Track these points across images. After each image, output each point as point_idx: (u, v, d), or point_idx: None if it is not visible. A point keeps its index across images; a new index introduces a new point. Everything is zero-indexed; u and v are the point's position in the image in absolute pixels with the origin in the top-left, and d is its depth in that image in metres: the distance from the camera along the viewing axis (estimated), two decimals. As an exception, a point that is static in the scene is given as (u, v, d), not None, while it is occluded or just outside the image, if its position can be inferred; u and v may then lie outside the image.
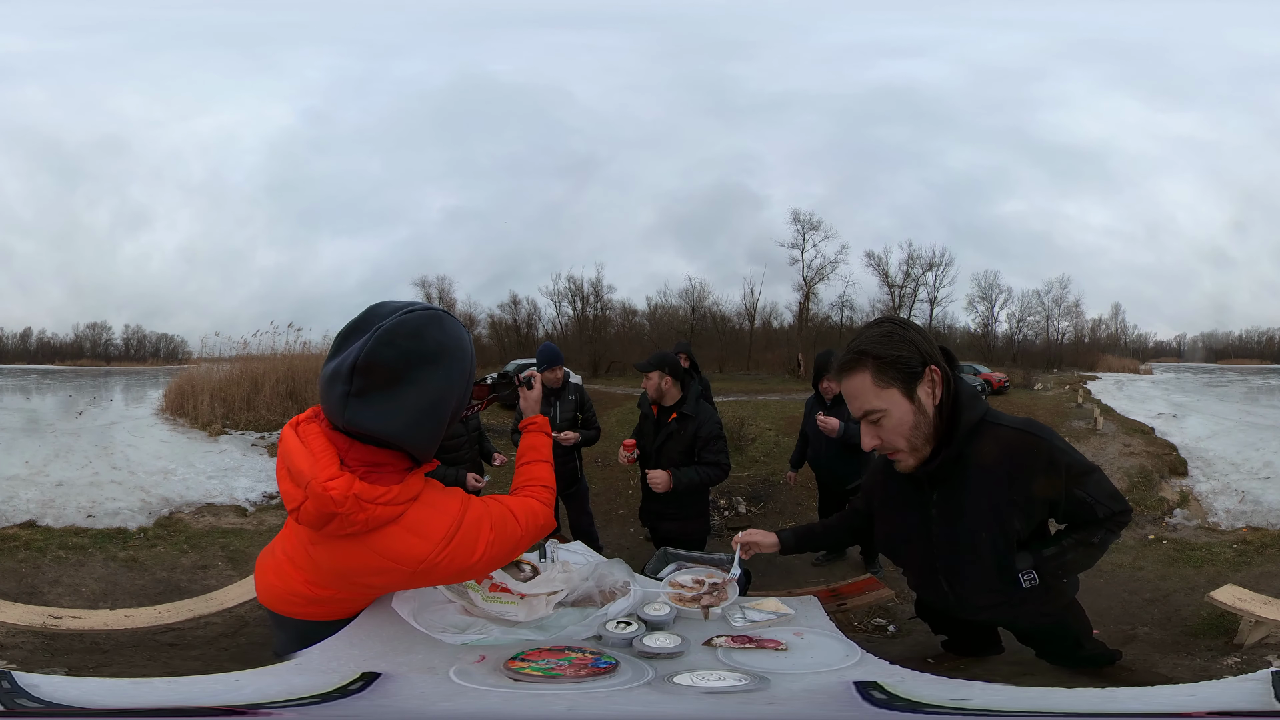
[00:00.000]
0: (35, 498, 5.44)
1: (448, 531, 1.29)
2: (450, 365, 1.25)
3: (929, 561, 1.64)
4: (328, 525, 1.23)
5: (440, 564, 1.30)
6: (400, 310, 1.23)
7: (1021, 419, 1.59)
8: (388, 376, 1.18)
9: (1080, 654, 1.69)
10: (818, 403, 4.16)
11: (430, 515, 1.29)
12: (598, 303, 17.11)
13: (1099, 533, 1.55)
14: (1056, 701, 1.20)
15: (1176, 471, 6.83)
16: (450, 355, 1.24)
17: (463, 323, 1.34)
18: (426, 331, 1.21)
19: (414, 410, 1.20)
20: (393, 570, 1.29)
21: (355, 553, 1.28)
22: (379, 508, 1.21)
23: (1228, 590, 3.40)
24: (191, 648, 3.31)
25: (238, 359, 9.19)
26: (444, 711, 1.17)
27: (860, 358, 1.49)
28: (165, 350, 13.14)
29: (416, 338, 1.19)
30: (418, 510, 1.28)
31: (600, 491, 5.61)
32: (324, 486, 1.18)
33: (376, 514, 1.21)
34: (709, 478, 3.32)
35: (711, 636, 1.55)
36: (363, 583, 1.38)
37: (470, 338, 1.33)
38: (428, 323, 1.22)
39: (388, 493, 1.22)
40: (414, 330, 1.20)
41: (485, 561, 1.38)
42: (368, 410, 1.19)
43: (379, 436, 1.21)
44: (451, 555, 1.30)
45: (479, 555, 1.35)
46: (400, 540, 1.26)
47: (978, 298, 17.18)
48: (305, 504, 1.22)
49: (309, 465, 1.22)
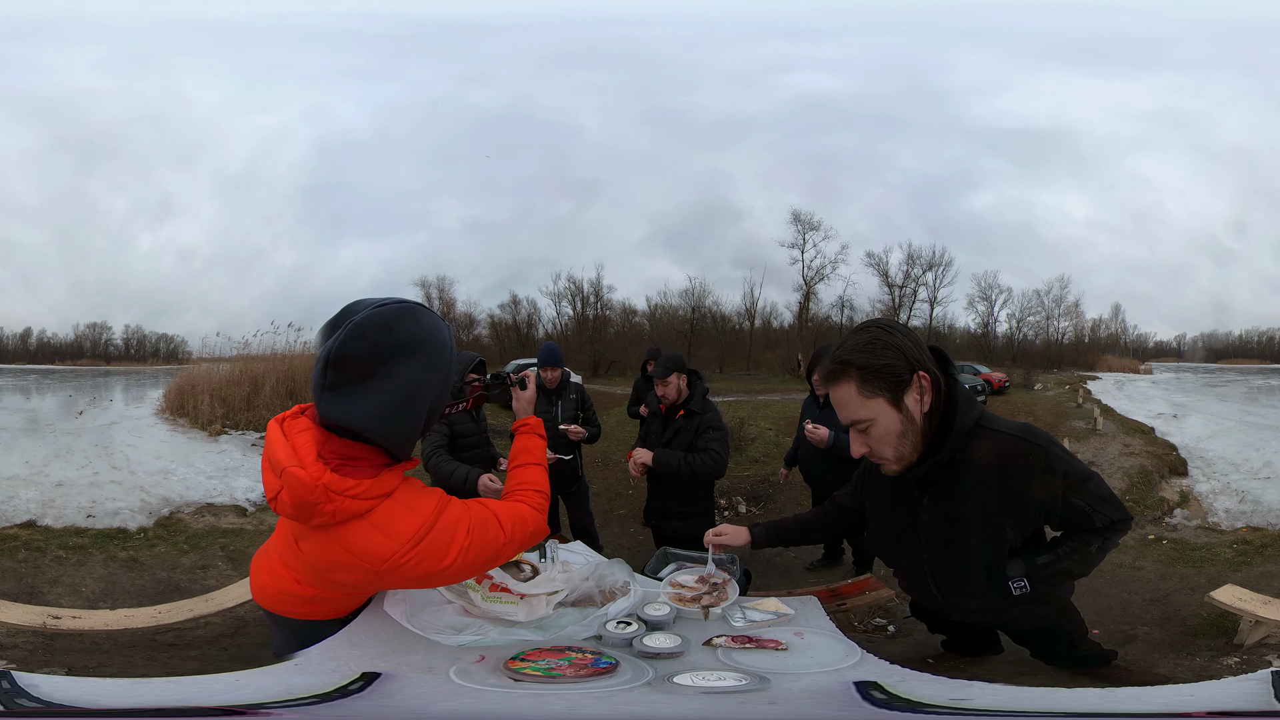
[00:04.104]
0: (35, 498, 5.43)
1: (417, 533, 1.26)
2: (423, 358, 1.23)
3: (918, 565, 1.62)
4: (303, 515, 1.23)
5: (405, 565, 1.26)
6: (374, 305, 1.23)
7: (1018, 424, 1.56)
8: (359, 370, 1.18)
9: (1074, 654, 1.68)
10: (812, 404, 4.15)
11: (401, 514, 1.27)
12: (598, 303, 17.08)
13: (1096, 541, 1.53)
14: (1056, 701, 1.20)
15: (1176, 471, 6.83)
16: (423, 348, 1.23)
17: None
18: (398, 324, 1.21)
19: (386, 403, 1.20)
20: (358, 568, 1.27)
21: (326, 547, 1.28)
22: (347, 500, 1.20)
23: (1228, 590, 3.40)
24: (191, 648, 3.31)
25: (238, 359, 9.19)
26: (444, 711, 1.17)
27: (844, 368, 1.46)
28: (165, 350, 13.10)
29: (387, 330, 1.19)
30: (389, 507, 1.26)
31: (600, 491, 5.61)
32: (294, 473, 1.18)
33: (344, 506, 1.20)
34: (698, 463, 3.34)
35: (711, 636, 1.55)
36: (333, 579, 1.36)
37: (449, 331, 1.31)
38: (399, 315, 1.22)
39: (357, 486, 1.21)
40: (385, 323, 1.20)
41: (457, 568, 1.33)
42: (340, 403, 1.19)
43: (351, 429, 1.21)
44: (419, 558, 1.26)
45: (449, 561, 1.30)
46: (367, 537, 1.24)
47: (977, 298, 17.14)
48: (281, 493, 1.23)
49: (285, 454, 1.23)
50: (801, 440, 4.10)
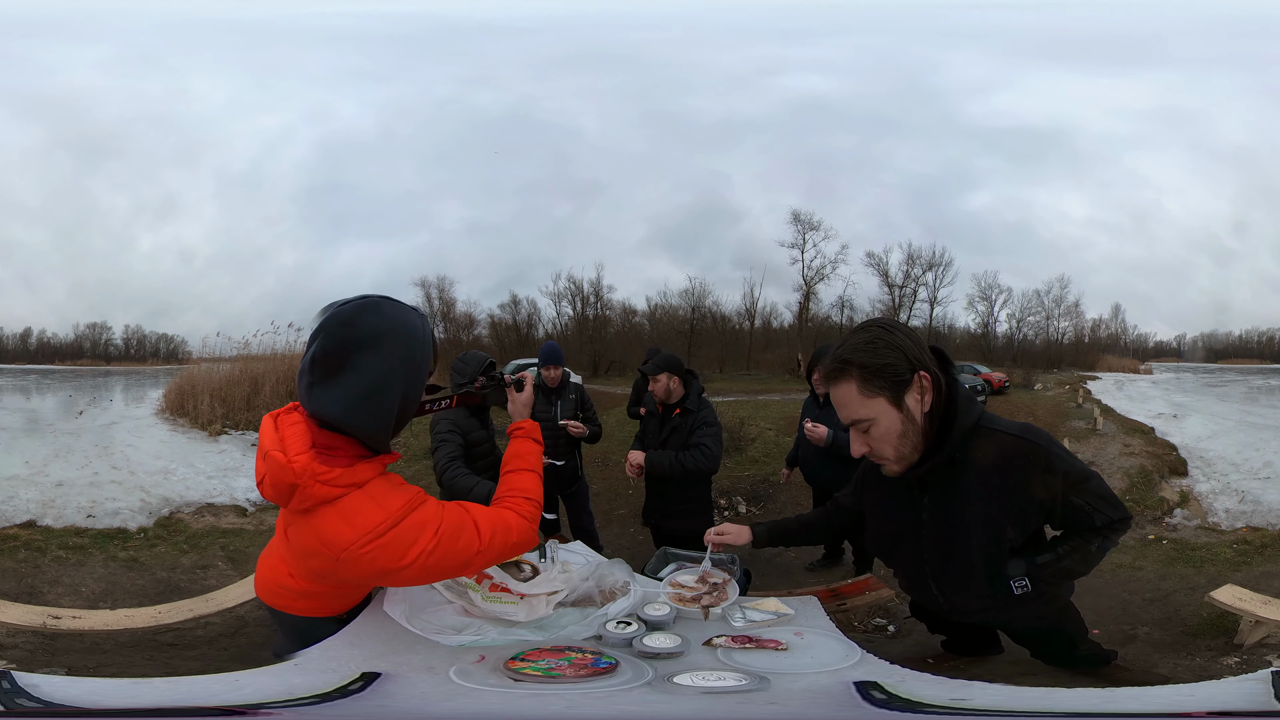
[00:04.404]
0: (35, 498, 5.43)
1: (378, 526, 1.26)
2: (388, 348, 1.26)
3: (919, 565, 1.62)
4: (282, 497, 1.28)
5: (362, 558, 1.26)
6: (340, 302, 1.29)
7: (1018, 424, 1.56)
8: (331, 365, 1.25)
9: (1075, 654, 1.68)
10: (813, 404, 4.15)
11: (366, 506, 1.27)
12: (598, 303, 17.07)
13: (1096, 540, 1.53)
14: (1056, 701, 1.20)
15: (1176, 471, 6.82)
16: (386, 338, 1.27)
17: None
18: (360, 318, 1.26)
19: (354, 394, 1.24)
20: (321, 554, 1.29)
21: (302, 532, 1.31)
22: (319, 485, 1.24)
23: (1228, 590, 3.40)
24: (191, 648, 3.31)
25: (238, 359, 9.19)
26: (444, 711, 1.17)
27: (845, 367, 1.46)
28: (165, 350, 13.07)
29: (350, 325, 1.25)
30: (356, 498, 1.27)
31: (600, 491, 5.60)
32: (274, 456, 1.25)
33: (315, 491, 1.25)
34: (689, 460, 3.37)
35: (711, 636, 1.55)
36: (309, 567, 1.38)
37: (419, 319, 1.33)
38: (361, 310, 1.27)
39: (329, 472, 1.25)
40: (347, 319, 1.25)
41: (418, 569, 1.31)
42: (316, 397, 1.27)
43: (326, 420, 1.27)
44: (377, 552, 1.26)
45: (409, 560, 1.29)
46: (331, 523, 1.26)
47: (978, 298, 17.12)
48: (266, 476, 1.28)
49: (271, 442, 1.29)
50: (802, 440, 4.10)
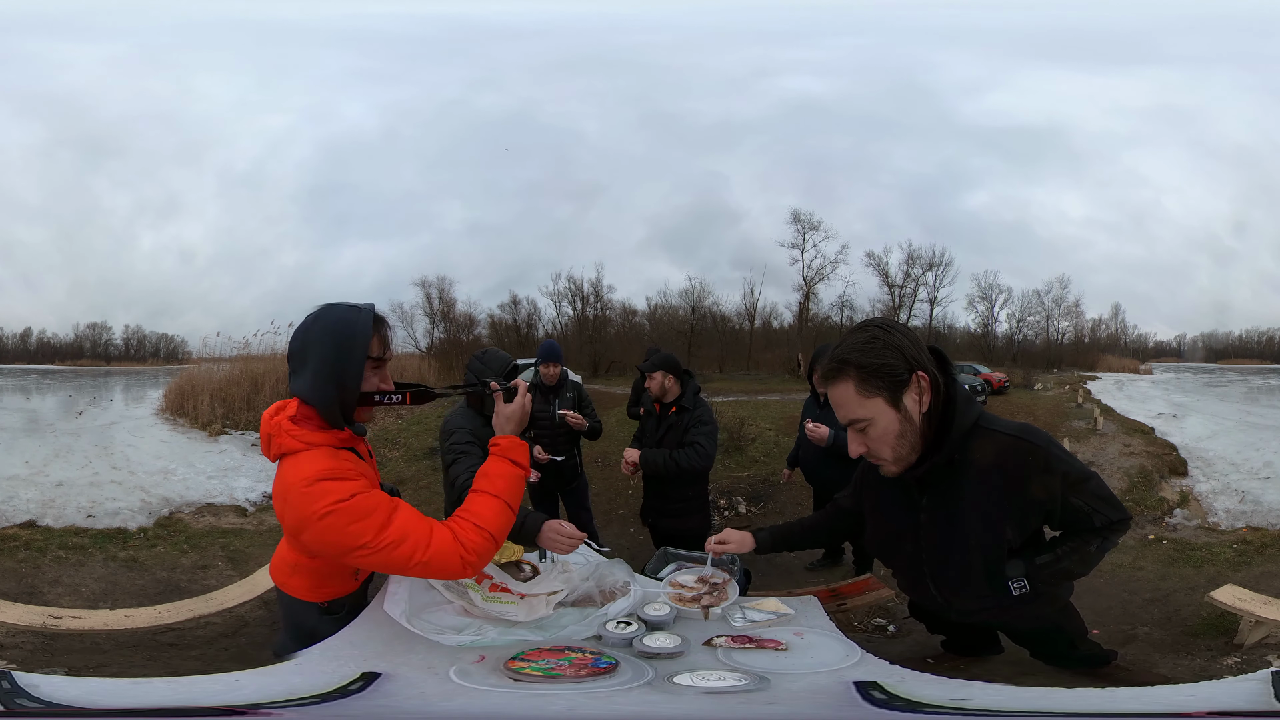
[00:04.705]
0: (35, 498, 5.43)
1: (313, 476, 1.47)
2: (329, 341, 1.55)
3: (918, 566, 1.62)
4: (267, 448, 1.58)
5: (287, 508, 1.48)
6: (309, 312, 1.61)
7: (1017, 424, 1.56)
8: (295, 358, 1.57)
9: (1074, 655, 1.68)
10: (813, 404, 4.15)
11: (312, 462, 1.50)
12: (598, 303, 17.07)
13: (1095, 541, 1.52)
14: (1056, 701, 1.20)
15: (1176, 471, 6.82)
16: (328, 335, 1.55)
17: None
18: (312, 323, 1.57)
19: (310, 379, 1.55)
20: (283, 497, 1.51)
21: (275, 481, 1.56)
22: (286, 436, 1.54)
23: (1228, 590, 3.40)
24: (191, 648, 3.31)
25: (238, 359, 9.18)
26: (444, 711, 1.18)
27: (843, 366, 1.46)
28: (165, 350, 13.06)
29: (305, 329, 1.57)
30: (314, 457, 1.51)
31: (600, 491, 5.60)
32: (264, 414, 1.62)
33: (282, 440, 1.54)
34: (683, 457, 3.38)
35: (711, 636, 1.55)
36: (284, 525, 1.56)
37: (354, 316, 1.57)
38: (315, 316, 1.58)
39: (295, 429, 1.54)
40: (306, 324, 1.57)
41: (328, 524, 1.45)
42: (293, 381, 1.59)
43: (301, 398, 1.57)
44: (299, 504, 1.45)
45: (323, 509, 1.44)
46: (291, 470, 1.51)
47: (977, 298, 17.11)
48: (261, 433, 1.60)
49: (266, 413, 1.61)
50: (803, 440, 4.10)
